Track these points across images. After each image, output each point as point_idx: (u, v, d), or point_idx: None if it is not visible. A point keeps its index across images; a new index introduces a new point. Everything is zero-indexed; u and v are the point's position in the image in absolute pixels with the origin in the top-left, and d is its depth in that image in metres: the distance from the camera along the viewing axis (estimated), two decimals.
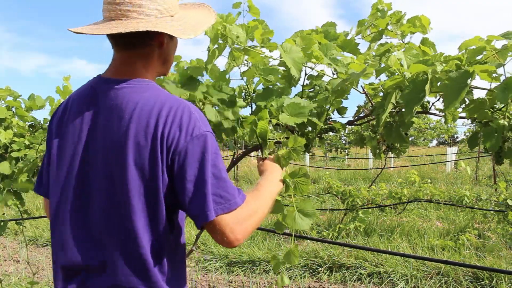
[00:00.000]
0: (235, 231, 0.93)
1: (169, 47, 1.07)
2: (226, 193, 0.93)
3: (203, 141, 0.93)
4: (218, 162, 0.95)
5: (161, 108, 0.94)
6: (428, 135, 17.65)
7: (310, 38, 1.43)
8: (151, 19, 0.97)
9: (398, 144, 1.76)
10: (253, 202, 1.00)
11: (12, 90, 2.24)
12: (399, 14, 1.69)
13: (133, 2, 0.97)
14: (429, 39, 1.65)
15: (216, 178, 0.93)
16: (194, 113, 0.96)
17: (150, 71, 1.05)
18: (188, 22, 1.03)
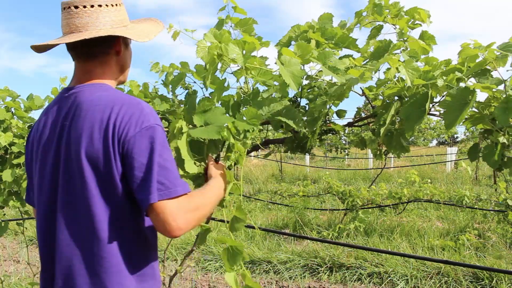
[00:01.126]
0: (177, 219, 0.98)
1: (125, 55, 1.19)
2: (167, 181, 0.99)
3: (151, 132, 1.01)
4: (164, 152, 1.01)
5: (114, 103, 1.03)
6: (428, 135, 17.65)
7: (307, 46, 1.40)
8: (107, 29, 1.10)
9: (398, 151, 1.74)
10: (197, 198, 1.07)
11: (11, 91, 2.24)
12: (397, 7, 1.66)
13: (91, 15, 1.10)
14: (428, 32, 1.63)
15: (160, 167, 0.99)
16: (144, 108, 1.04)
17: (108, 78, 1.16)
18: (140, 30, 1.16)
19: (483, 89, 1.09)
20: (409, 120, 1.18)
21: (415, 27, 1.70)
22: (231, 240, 1.22)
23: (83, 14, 1.09)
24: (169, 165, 1.01)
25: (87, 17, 1.09)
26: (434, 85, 1.16)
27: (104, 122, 1.01)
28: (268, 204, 7.47)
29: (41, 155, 1.12)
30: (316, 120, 1.47)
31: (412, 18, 1.68)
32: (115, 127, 1.00)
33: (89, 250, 1.03)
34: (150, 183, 0.98)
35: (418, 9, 1.66)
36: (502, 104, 1.05)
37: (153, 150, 1.00)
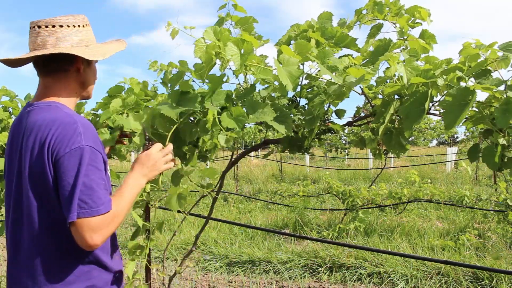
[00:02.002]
0: (94, 236, 1.08)
1: (87, 73, 1.28)
2: (90, 201, 1.07)
3: (79, 153, 1.09)
4: (91, 173, 1.10)
5: (53, 124, 1.12)
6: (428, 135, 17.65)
7: (306, 45, 1.40)
8: (67, 47, 1.20)
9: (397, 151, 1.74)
10: (114, 209, 1.14)
11: (9, 90, 2.24)
12: (397, 5, 1.65)
13: (51, 34, 1.20)
14: (428, 31, 1.62)
15: (85, 186, 1.08)
16: (79, 128, 1.12)
17: (66, 94, 1.24)
18: (100, 50, 1.25)
19: (483, 90, 1.08)
20: (408, 119, 1.18)
21: (416, 26, 1.69)
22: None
23: (45, 33, 1.20)
24: (95, 185, 1.09)
25: (47, 36, 1.20)
26: (434, 84, 1.15)
27: (42, 141, 1.12)
28: (268, 204, 7.47)
29: (7, 165, 1.25)
30: (314, 119, 1.46)
31: (412, 16, 1.67)
32: (49, 146, 1.11)
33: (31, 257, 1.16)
34: (71, 202, 1.06)
35: (419, 8, 1.66)
36: (502, 106, 1.04)
37: (79, 170, 1.08)
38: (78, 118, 1.16)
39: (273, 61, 1.35)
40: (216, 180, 2.03)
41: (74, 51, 1.19)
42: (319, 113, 1.45)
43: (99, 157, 1.14)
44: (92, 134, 1.15)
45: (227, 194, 8.24)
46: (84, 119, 1.19)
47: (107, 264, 1.24)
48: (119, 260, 1.32)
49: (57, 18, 1.21)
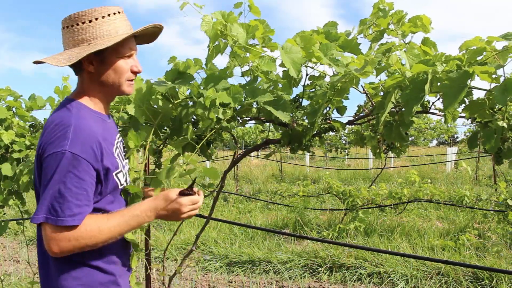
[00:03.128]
0: (52, 246, 1.06)
1: (101, 70, 1.21)
2: (59, 209, 1.05)
3: (59, 158, 1.06)
4: (69, 181, 1.06)
5: (51, 123, 1.13)
6: (428, 135, 17.66)
7: (311, 38, 1.43)
8: (70, 49, 1.18)
9: (398, 143, 1.76)
10: (92, 226, 1.09)
11: (13, 90, 2.24)
12: (401, 14, 1.68)
13: (62, 37, 1.21)
14: (430, 39, 1.64)
15: (59, 193, 1.05)
16: (69, 131, 1.09)
17: (89, 93, 1.23)
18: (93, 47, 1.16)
19: (481, 74, 1.10)
20: (408, 105, 1.20)
21: (417, 30, 1.72)
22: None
23: (62, 35, 1.22)
24: (68, 194, 1.05)
25: (62, 38, 1.22)
26: (434, 71, 1.17)
27: (40, 140, 1.14)
28: (268, 204, 7.47)
29: None
30: (316, 112, 1.49)
31: (414, 25, 1.69)
32: (40, 146, 1.12)
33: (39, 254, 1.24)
34: (42, 204, 1.06)
35: (421, 16, 1.68)
36: (501, 85, 1.07)
37: (55, 175, 1.06)
38: (76, 121, 1.12)
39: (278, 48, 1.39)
40: (217, 180, 2.03)
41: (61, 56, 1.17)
42: (321, 106, 1.47)
43: (84, 166, 1.08)
44: (83, 140, 1.10)
45: (227, 194, 8.24)
46: (89, 122, 1.15)
47: (99, 266, 1.20)
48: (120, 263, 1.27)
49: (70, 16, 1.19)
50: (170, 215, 1.19)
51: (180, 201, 1.18)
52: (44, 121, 2.38)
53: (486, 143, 1.23)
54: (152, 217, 1.18)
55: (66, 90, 2.11)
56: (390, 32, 1.73)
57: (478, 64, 1.17)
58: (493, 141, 1.22)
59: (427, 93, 1.16)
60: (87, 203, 1.10)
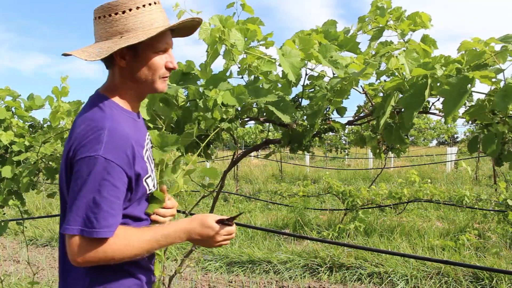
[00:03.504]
0: (86, 258, 0.99)
1: (133, 65, 1.11)
2: (95, 220, 0.98)
3: (92, 163, 0.98)
4: (104, 189, 0.99)
5: (82, 123, 1.05)
6: (428, 135, 17.65)
7: (309, 40, 1.43)
8: (102, 42, 1.10)
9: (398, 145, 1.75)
10: (120, 243, 1.02)
11: (12, 90, 2.24)
12: (399, 11, 1.67)
13: (94, 28, 1.12)
14: (430, 36, 1.63)
15: (94, 203, 0.98)
16: (103, 135, 1.01)
17: (120, 89, 1.14)
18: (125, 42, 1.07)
19: (482, 79, 1.10)
20: (408, 109, 1.19)
21: (416, 29, 1.70)
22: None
23: (94, 25, 1.13)
24: (104, 204, 0.99)
25: (94, 30, 1.13)
26: (434, 76, 1.17)
27: (69, 141, 1.05)
28: (268, 204, 7.47)
29: None
30: (315, 114, 1.48)
31: (413, 22, 1.68)
32: (70, 148, 1.03)
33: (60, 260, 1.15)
34: (75, 214, 0.98)
35: (420, 13, 1.67)
36: (501, 91, 1.06)
37: (88, 182, 0.98)
38: (111, 124, 1.04)
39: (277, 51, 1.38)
40: (217, 180, 2.03)
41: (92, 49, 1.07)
42: (321, 108, 1.47)
43: (118, 172, 1.01)
44: (118, 145, 1.02)
45: (227, 194, 8.24)
46: (122, 125, 1.07)
47: (129, 270, 1.14)
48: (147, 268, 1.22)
49: (103, 6, 1.10)
50: (203, 241, 1.14)
51: (217, 229, 1.14)
52: (45, 121, 2.38)
53: (486, 147, 1.23)
54: (184, 239, 1.12)
55: (65, 91, 2.11)
56: (389, 28, 1.71)
57: (478, 67, 1.16)
58: (493, 145, 1.21)
59: (427, 98, 1.16)
60: (120, 212, 1.04)
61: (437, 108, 1.49)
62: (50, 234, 5.66)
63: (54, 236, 5.59)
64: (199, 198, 2.37)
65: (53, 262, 4.78)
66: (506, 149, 1.34)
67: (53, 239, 5.52)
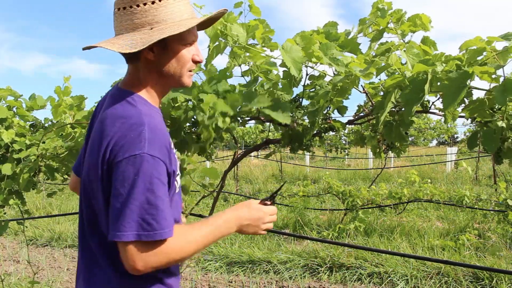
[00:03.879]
0: (148, 264, 0.92)
1: (162, 58, 1.05)
2: (154, 222, 0.91)
3: (139, 162, 0.91)
4: (157, 188, 0.92)
5: (118, 121, 0.98)
6: (428, 135, 17.66)
7: (311, 38, 1.44)
8: (128, 34, 1.02)
9: (398, 143, 1.76)
10: (179, 242, 0.96)
11: (13, 90, 2.25)
12: (400, 13, 1.68)
13: (117, 19, 1.04)
14: (430, 37, 1.64)
15: (150, 204, 0.91)
16: (145, 132, 0.94)
17: (145, 84, 1.08)
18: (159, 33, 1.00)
19: (481, 74, 1.10)
20: (408, 105, 1.20)
21: (417, 30, 1.71)
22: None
23: (118, 16, 1.04)
24: (160, 203, 0.92)
25: (116, 21, 1.05)
26: (434, 71, 1.18)
27: (102, 140, 0.97)
28: None
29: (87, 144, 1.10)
30: (316, 111, 1.49)
31: (413, 24, 1.69)
32: (107, 148, 0.95)
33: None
34: (130, 218, 0.90)
35: (420, 15, 1.68)
36: (500, 86, 1.07)
37: (138, 183, 0.91)
38: (148, 120, 0.98)
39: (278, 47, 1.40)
40: (217, 180, 2.03)
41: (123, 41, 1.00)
42: (322, 106, 1.47)
43: (164, 170, 0.96)
44: (159, 141, 0.97)
45: (227, 194, 8.24)
46: (157, 121, 1.02)
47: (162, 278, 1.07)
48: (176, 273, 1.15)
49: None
50: (252, 226, 1.09)
51: (264, 209, 1.11)
52: (46, 120, 2.38)
53: (485, 143, 1.23)
54: (233, 228, 1.07)
55: (67, 91, 2.11)
56: (389, 31, 1.73)
57: (478, 64, 1.17)
58: (493, 141, 1.22)
59: (426, 93, 1.16)
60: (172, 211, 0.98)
61: (437, 108, 1.50)
62: (50, 234, 5.66)
63: (54, 236, 5.59)
64: (199, 198, 2.37)
65: (53, 262, 4.78)
66: (505, 147, 1.34)
67: (53, 239, 5.52)
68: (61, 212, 6.91)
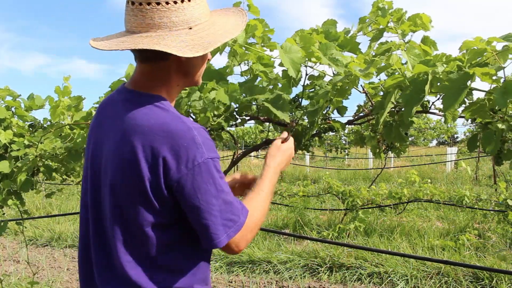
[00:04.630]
0: (240, 245, 1.00)
1: (191, 60, 1.00)
2: (233, 215, 0.97)
3: (206, 169, 0.93)
4: (225, 186, 0.97)
5: (164, 131, 0.92)
6: (428, 135, 17.66)
7: (310, 38, 1.43)
8: (163, 32, 0.93)
9: (398, 143, 1.75)
10: (254, 214, 1.03)
11: (12, 90, 2.24)
12: (400, 12, 1.68)
13: (145, 15, 0.93)
14: (430, 37, 1.64)
15: (226, 203, 0.96)
16: (196, 136, 0.93)
17: (167, 85, 1.03)
18: (207, 35, 0.97)
19: (482, 76, 1.10)
20: (408, 105, 1.20)
21: (417, 29, 1.71)
22: None
23: (138, 12, 0.94)
24: (231, 198, 0.97)
25: (141, 17, 0.94)
26: (435, 72, 1.17)
27: (150, 154, 0.91)
28: None
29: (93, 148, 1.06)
30: (316, 111, 1.48)
31: (414, 23, 1.69)
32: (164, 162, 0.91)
33: None
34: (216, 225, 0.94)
35: (420, 15, 1.67)
36: (501, 88, 1.07)
37: (211, 188, 0.94)
38: (190, 123, 0.96)
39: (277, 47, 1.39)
40: None
41: (168, 41, 0.92)
42: (321, 106, 1.47)
43: (220, 165, 0.98)
44: (208, 139, 0.97)
45: None
46: (191, 120, 0.98)
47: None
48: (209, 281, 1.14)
49: None
50: (287, 161, 1.23)
51: (290, 145, 1.24)
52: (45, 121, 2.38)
53: (485, 145, 1.23)
54: (279, 172, 1.17)
55: (67, 90, 2.11)
56: (390, 30, 1.72)
57: (479, 65, 1.16)
58: (493, 143, 1.22)
59: (427, 94, 1.16)
60: None
61: (437, 108, 1.49)
62: (50, 234, 5.65)
63: (54, 236, 5.59)
64: None
65: (53, 262, 4.78)
66: (505, 148, 1.34)
67: (53, 239, 5.52)
68: (61, 212, 6.91)
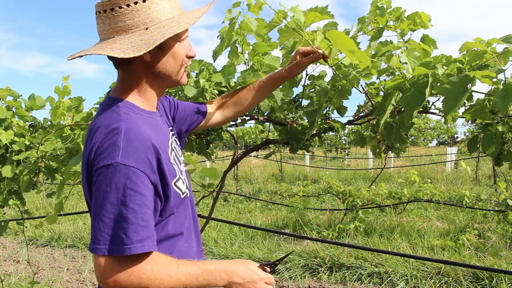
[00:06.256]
0: (117, 281, 0.86)
1: (158, 59, 1.01)
2: (125, 236, 0.86)
3: (111, 173, 0.87)
4: (130, 200, 0.87)
5: (98, 129, 0.95)
6: (428, 135, 17.65)
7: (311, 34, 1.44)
8: (121, 36, 0.96)
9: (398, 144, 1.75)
10: (161, 271, 0.90)
11: (12, 90, 2.24)
12: (399, 11, 1.68)
13: (105, 22, 0.97)
14: (429, 36, 1.64)
15: (121, 217, 0.86)
16: (120, 139, 0.90)
17: (139, 86, 1.04)
18: (159, 33, 0.96)
19: (482, 78, 1.10)
20: (408, 108, 1.20)
21: (416, 28, 1.71)
22: None
23: (100, 21, 0.98)
24: (132, 216, 0.87)
25: (102, 25, 0.98)
26: (435, 74, 1.17)
27: (87, 150, 0.95)
28: (268, 204, 7.47)
29: None
30: (315, 111, 1.49)
31: (413, 22, 1.69)
32: (89, 157, 0.93)
33: None
34: (103, 231, 0.86)
35: (420, 13, 1.67)
36: (501, 91, 1.07)
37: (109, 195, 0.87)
38: (126, 126, 0.93)
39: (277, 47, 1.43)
40: (217, 180, 2.03)
41: (116, 45, 0.93)
42: (321, 105, 1.47)
43: (141, 179, 0.89)
44: (136, 148, 0.91)
45: (227, 194, 8.24)
46: (138, 127, 0.95)
47: None
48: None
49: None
50: (243, 286, 1.01)
51: (260, 273, 1.04)
52: (45, 121, 2.38)
53: (486, 148, 1.23)
54: (223, 281, 0.97)
55: (66, 90, 2.11)
56: (389, 28, 1.72)
57: (479, 67, 1.17)
58: (493, 146, 1.22)
59: (427, 97, 1.16)
60: (152, 223, 0.91)
61: (437, 108, 1.49)
62: (50, 234, 5.66)
63: (54, 236, 5.59)
64: (199, 198, 2.37)
65: (53, 262, 4.78)
66: (505, 149, 1.34)
67: (53, 239, 5.52)
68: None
